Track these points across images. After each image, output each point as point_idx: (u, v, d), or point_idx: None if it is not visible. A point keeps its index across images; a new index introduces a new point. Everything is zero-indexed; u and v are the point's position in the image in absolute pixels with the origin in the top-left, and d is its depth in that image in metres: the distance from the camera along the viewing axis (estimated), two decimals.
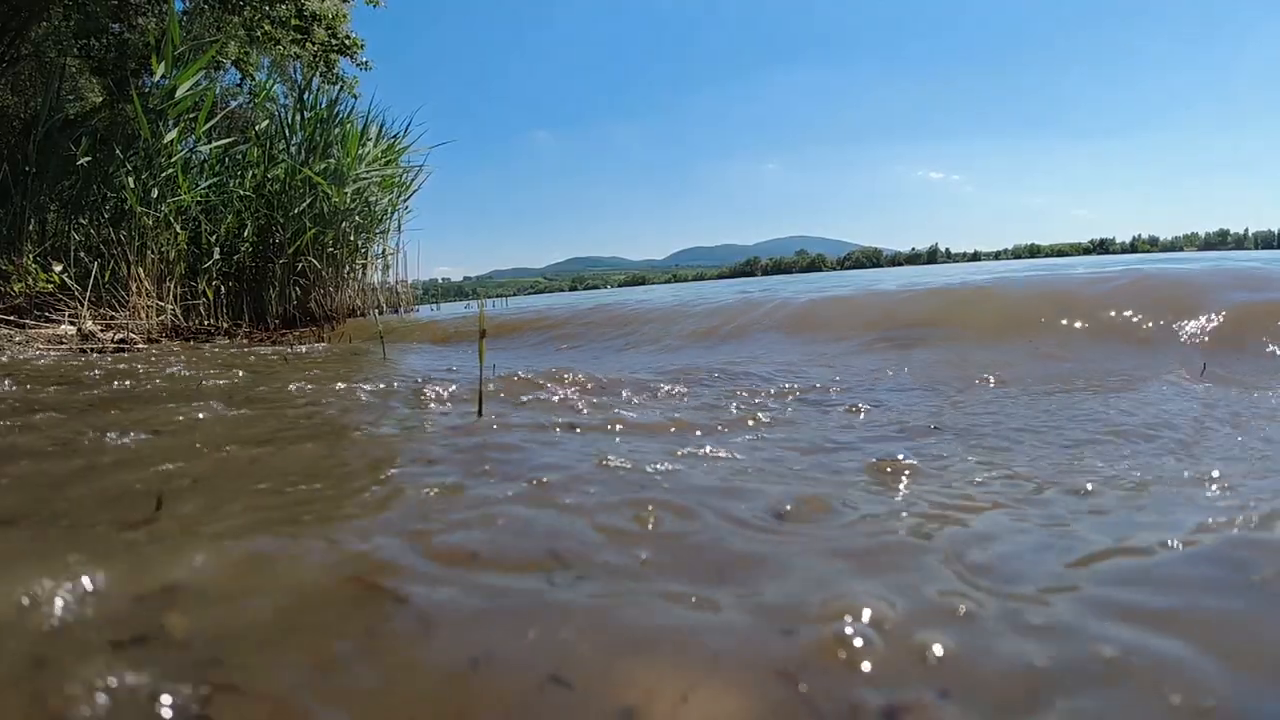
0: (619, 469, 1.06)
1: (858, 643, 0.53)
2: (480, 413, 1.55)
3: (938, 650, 0.52)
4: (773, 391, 1.99)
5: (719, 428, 1.49)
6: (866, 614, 0.57)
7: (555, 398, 1.86)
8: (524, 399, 1.85)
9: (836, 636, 0.54)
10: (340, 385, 2.14)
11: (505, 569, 0.68)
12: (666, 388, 2.01)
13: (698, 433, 1.44)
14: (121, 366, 3.01)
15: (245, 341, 5.31)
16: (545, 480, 1.00)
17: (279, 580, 0.66)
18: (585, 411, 1.67)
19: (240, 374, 2.61)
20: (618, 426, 1.46)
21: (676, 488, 0.96)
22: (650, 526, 0.81)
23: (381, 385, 2.10)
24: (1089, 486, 0.97)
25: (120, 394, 2.11)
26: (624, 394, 1.93)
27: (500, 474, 1.06)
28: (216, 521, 0.84)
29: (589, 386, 2.06)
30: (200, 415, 1.62)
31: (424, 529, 0.79)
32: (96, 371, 2.78)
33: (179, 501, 0.92)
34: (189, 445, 1.30)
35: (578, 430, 1.43)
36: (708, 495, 0.93)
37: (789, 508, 0.87)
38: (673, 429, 1.48)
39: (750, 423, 1.54)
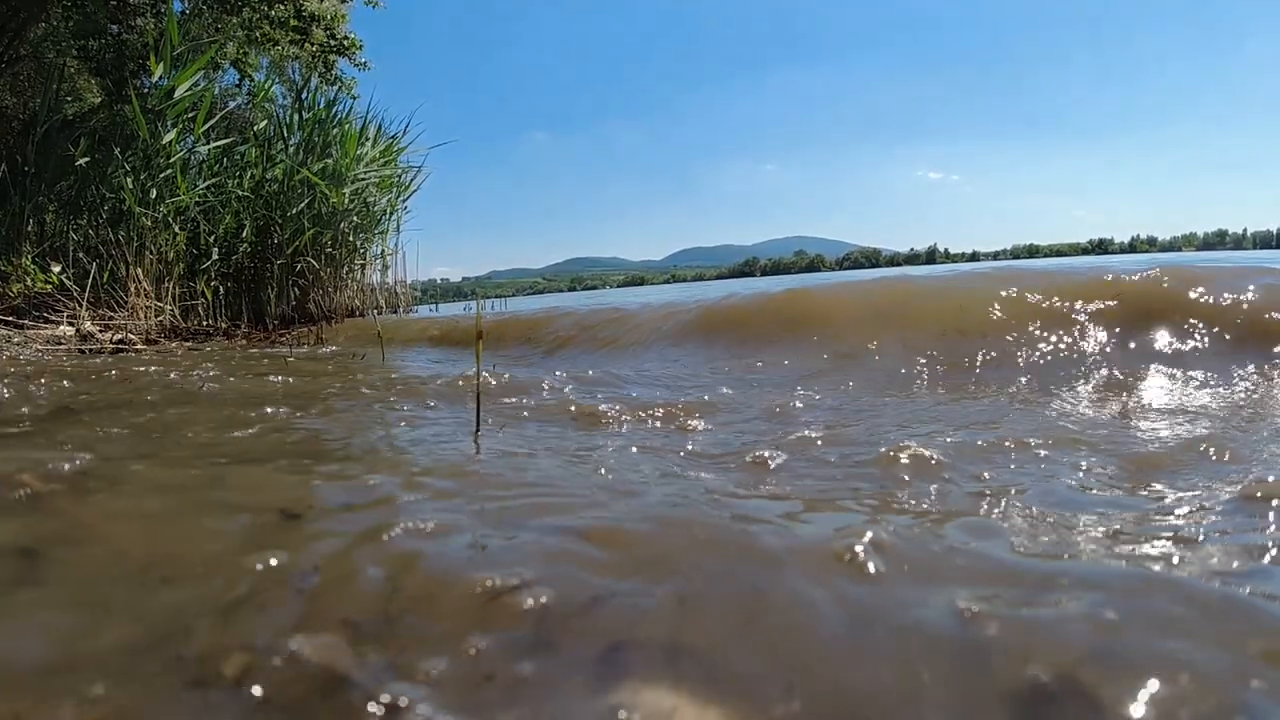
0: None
1: None
2: (477, 427, 1.51)
3: None
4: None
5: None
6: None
7: (554, 403, 1.87)
8: (526, 408, 1.86)
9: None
10: (366, 391, 2.14)
11: None
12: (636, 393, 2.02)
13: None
14: (153, 369, 2.99)
15: (244, 342, 5.30)
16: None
17: None
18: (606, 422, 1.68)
19: (281, 378, 2.58)
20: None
21: None
22: None
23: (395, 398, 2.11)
24: None
25: (179, 396, 2.09)
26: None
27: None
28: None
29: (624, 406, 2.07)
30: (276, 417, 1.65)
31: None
32: (113, 372, 2.78)
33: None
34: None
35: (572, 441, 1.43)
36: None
37: None
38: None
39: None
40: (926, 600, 0.59)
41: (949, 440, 1.28)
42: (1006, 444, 1.24)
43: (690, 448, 1.33)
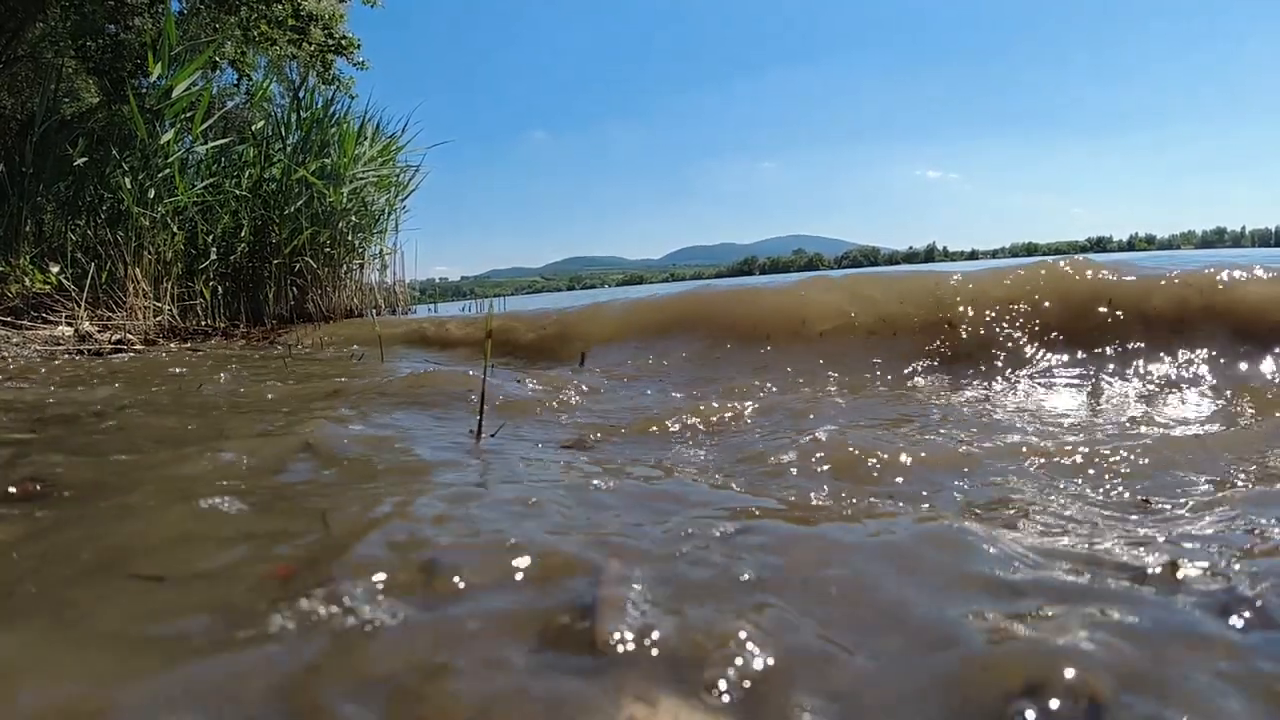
0: None
1: None
2: (479, 433, 1.46)
3: None
4: None
5: None
6: None
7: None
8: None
9: None
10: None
11: None
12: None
13: None
14: (176, 370, 2.98)
15: (244, 342, 5.30)
16: None
17: None
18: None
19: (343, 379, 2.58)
20: None
21: None
22: None
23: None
24: None
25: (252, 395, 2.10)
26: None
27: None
28: None
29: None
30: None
31: None
32: (152, 379, 2.77)
33: None
34: None
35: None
36: None
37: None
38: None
39: None
40: None
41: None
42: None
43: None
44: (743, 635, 0.53)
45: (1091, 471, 1.14)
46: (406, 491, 0.95)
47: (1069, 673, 0.49)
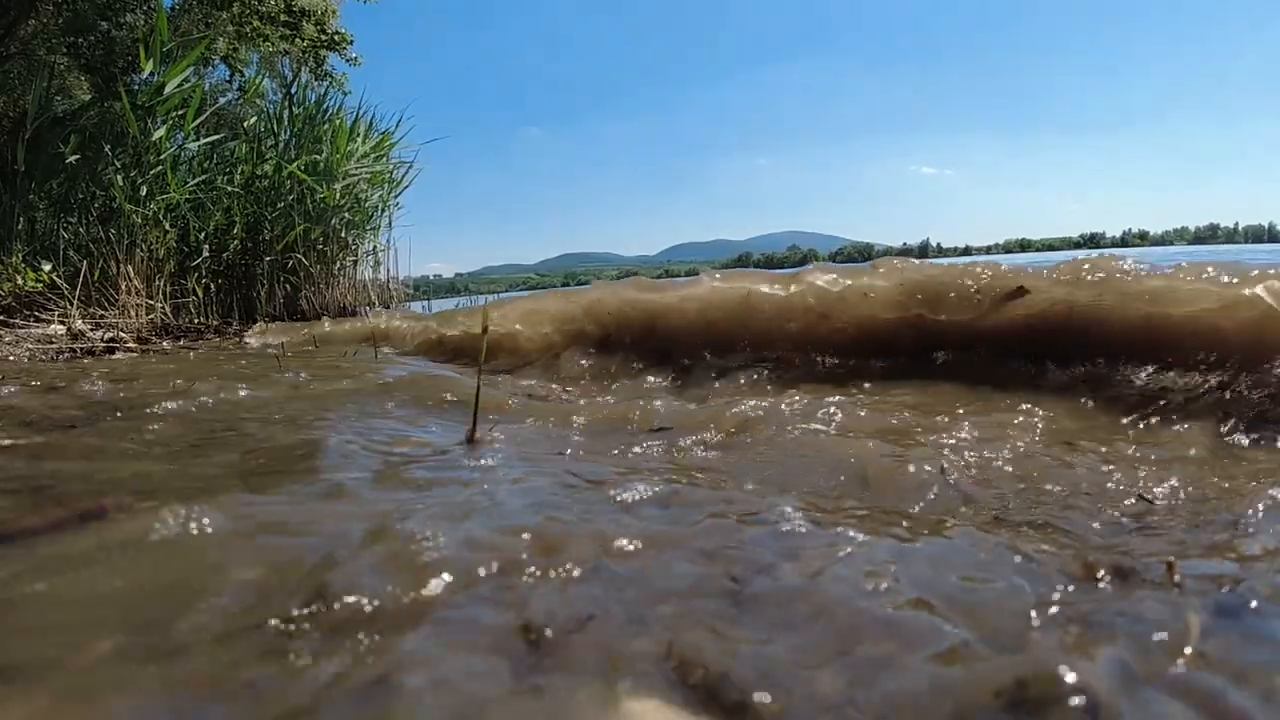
0: None
1: None
2: (475, 424, 1.41)
3: None
4: None
5: None
6: None
7: None
8: None
9: None
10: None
11: None
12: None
13: None
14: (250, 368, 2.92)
15: (237, 340, 5.31)
16: None
17: None
18: None
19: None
20: None
21: None
22: None
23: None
24: None
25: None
26: None
27: None
28: None
29: None
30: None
31: None
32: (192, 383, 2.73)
33: None
34: None
35: None
36: None
37: None
38: None
39: None
40: None
41: None
42: None
43: None
44: None
45: None
46: None
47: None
